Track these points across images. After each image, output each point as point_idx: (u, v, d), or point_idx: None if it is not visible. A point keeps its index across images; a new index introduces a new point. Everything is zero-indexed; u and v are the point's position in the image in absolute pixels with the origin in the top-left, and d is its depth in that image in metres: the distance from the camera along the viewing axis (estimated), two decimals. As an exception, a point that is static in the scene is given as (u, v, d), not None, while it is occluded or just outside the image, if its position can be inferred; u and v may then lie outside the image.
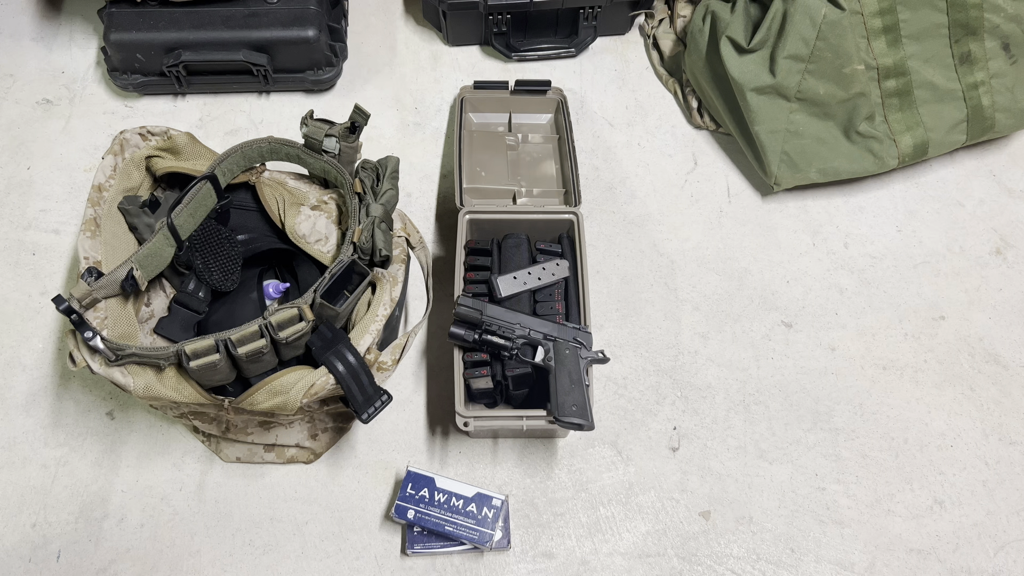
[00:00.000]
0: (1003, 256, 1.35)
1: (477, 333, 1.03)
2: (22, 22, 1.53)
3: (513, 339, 1.03)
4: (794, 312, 1.28)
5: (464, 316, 1.04)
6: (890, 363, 1.25)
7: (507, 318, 1.04)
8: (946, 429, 1.20)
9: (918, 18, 1.26)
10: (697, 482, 1.15)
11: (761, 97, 1.28)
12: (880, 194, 1.40)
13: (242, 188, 1.13)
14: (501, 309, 1.05)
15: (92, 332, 0.91)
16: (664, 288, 1.30)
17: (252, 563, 1.07)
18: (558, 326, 1.06)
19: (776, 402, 1.21)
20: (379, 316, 0.99)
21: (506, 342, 1.03)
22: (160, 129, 1.09)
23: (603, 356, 1.05)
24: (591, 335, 1.06)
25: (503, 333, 1.03)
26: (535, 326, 1.05)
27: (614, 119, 1.46)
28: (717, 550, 1.10)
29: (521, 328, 1.04)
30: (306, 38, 1.35)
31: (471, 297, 1.06)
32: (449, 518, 1.03)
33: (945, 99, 1.32)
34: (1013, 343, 1.27)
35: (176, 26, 1.33)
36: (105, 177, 1.03)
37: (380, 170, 1.07)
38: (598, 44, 1.54)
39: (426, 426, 1.17)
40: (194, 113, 1.43)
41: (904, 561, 1.10)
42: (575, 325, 1.06)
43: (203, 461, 1.13)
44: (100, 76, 1.46)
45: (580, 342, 1.05)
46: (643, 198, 1.38)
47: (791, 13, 1.22)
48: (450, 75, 1.50)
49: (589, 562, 1.09)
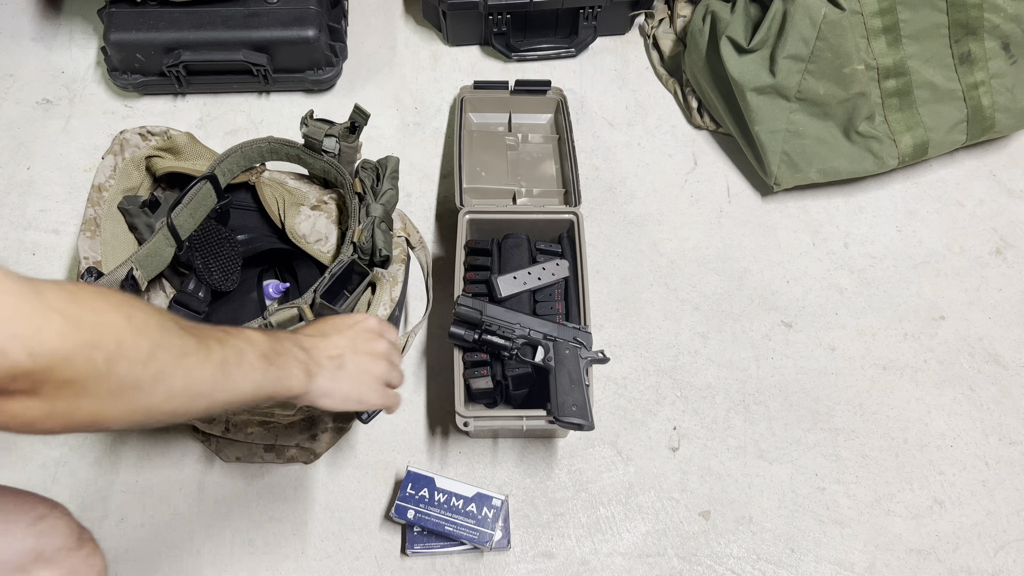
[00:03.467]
0: (1003, 256, 1.35)
1: (477, 333, 1.03)
2: (22, 22, 1.53)
3: (513, 339, 1.03)
4: (794, 312, 1.28)
5: (464, 316, 1.04)
6: (890, 363, 1.25)
7: (507, 318, 1.04)
8: (946, 429, 1.20)
9: (918, 18, 1.26)
10: (697, 482, 1.15)
11: (761, 97, 1.28)
12: (880, 194, 1.40)
13: (242, 188, 1.13)
14: (501, 309, 1.05)
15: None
16: (664, 288, 1.30)
17: (252, 563, 1.07)
18: (558, 326, 1.06)
19: (776, 402, 1.21)
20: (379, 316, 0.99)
21: (506, 342, 1.03)
22: (160, 129, 1.09)
23: (603, 356, 1.05)
24: (591, 335, 1.06)
25: (503, 333, 1.03)
26: (535, 326, 1.05)
27: (614, 119, 1.46)
28: (717, 550, 1.10)
29: (521, 328, 1.04)
30: (306, 38, 1.35)
31: (471, 297, 1.06)
32: (449, 518, 1.03)
33: (945, 99, 1.32)
34: (1013, 343, 1.27)
35: (176, 26, 1.33)
36: (105, 177, 1.03)
37: (380, 170, 1.07)
38: (598, 44, 1.54)
39: (426, 426, 1.17)
40: (194, 113, 1.43)
41: (904, 561, 1.10)
42: (575, 325, 1.06)
43: (203, 461, 1.13)
44: (100, 76, 1.46)
45: (580, 342, 1.05)
46: (643, 198, 1.38)
47: (791, 13, 1.22)
48: (450, 75, 1.50)
49: (589, 562, 1.09)
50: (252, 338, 0.64)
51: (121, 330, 0.50)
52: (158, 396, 0.53)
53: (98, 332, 0.48)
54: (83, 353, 0.47)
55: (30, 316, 0.45)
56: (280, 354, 0.66)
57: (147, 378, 0.52)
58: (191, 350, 0.56)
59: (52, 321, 0.46)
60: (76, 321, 0.47)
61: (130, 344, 0.50)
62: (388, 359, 0.78)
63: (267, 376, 0.64)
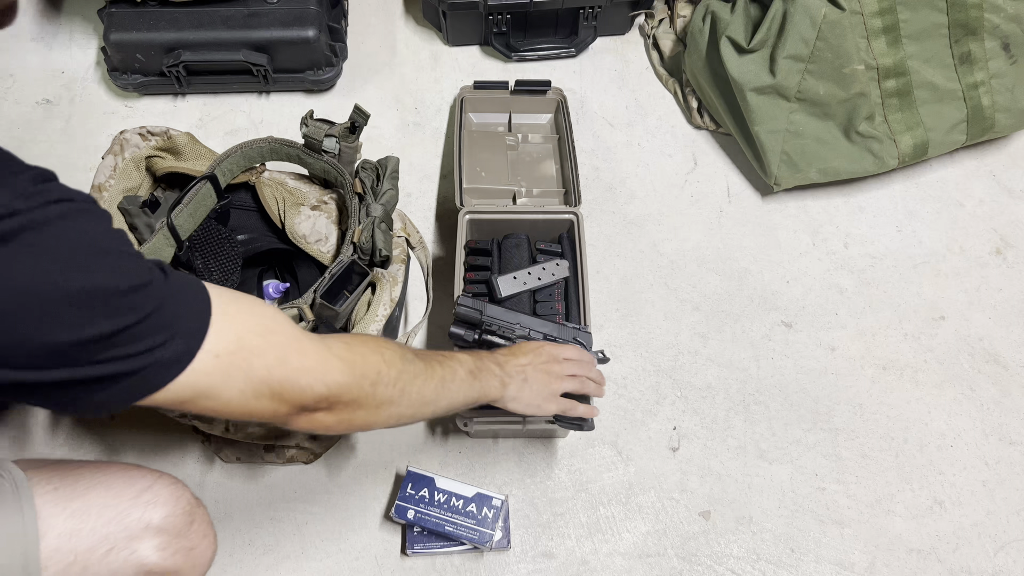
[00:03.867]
0: (1003, 256, 1.35)
1: (477, 333, 1.03)
2: (22, 22, 1.53)
3: (513, 339, 1.03)
4: (794, 312, 1.28)
5: (464, 316, 1.04)
6: (890, 363, 1.25)
7: (507, 318, 1.04)
8: (946, 429, 1.20)
9: (918, 18, 1.26)
10: (697, 482, 1.15)
11: (761, 97, 1.28)
12: (880, 194, 1.40)
13: (242, 188, 1.13)
14: (501, 309, 1.05)
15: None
16: (664, 288, 1.30)
17: (252, 563, 1.07)
18: (558, 326, 1.06)
19: (776, 402, 1.21)
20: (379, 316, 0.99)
21: (506, 342, 1.03)
22: (160, 129, 1.09)
23: (603, 356, 1.05)
24: (591, 335, 1.06)
25: (503, 333, 1.03)
26: (535, 326, 1.05)
27: (614, 119, 1.46)
28: (717, 550, 1.10)
29: (521, 328, 1.04)
30: (306, 38, 1.35)
31: (471, 297, 1.06)
32: (449, 518, 1.03)
33: (945, 99, 1.32)
34: (1013, 343, 1.27)
35: (176, 26, 1.33)
36: (105, 177, 1.03)
37: (380, 170, 1.07)
38: (598, 44, 1.54)
39: (426, 426, 1.17)
40: (194, 113, 1.43)
41: (904, 561, 1.10)
42: (575, 325, 1.06)
43: (203, 461, 1.13)
44: (100, 76, 1.46)
45: (580, 342, 1.05)
46: (643, 198, 1.38)
47: (791, 13, 1.22)
48: (450, 75, 1.50)
49: (589, 562, 1.09)
50: (462, 359, 0.85)
51: (378, 364, 0.73)
52: (403, 405, 0.76)
53: (365, 368, 0.72)
54: (357, 383, 0.71)
55: (325, 362, 0.69)
56: (482, 370, 0.87)
57: (396, 394, 0.75)
58: (420, 371, 0.78)
59: (337, 364, 0.69)
60: (351, 362, 0.71)
61: (384, 372, 0.74)
62: (565, 377, 0.95)
63: (472, 387, 0.85)
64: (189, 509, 0.75)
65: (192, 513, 0.75)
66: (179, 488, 0.75)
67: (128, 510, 0.70)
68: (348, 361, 0.71)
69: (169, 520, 0.72)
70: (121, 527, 0.69)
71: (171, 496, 0.74)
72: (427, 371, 0.79)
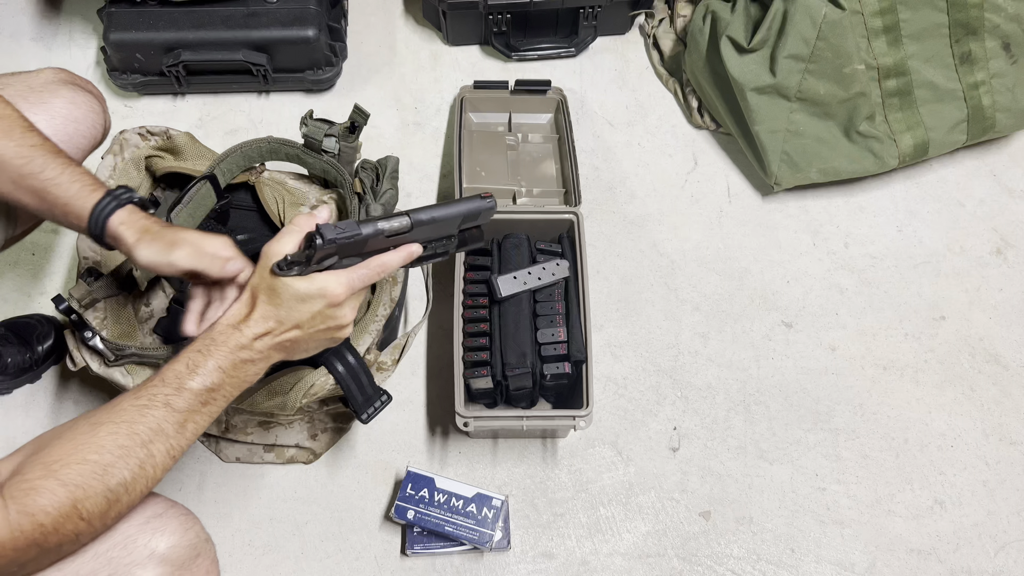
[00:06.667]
0: (1003, 256, 1.35)
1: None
2: (22, 22, 1.53)
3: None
4: (794, 312, 1.28)
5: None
6: (890, 363, 1.24)
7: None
8: (946, 429, 1.20)
9: (918, 18, 1.26)
10: (697, 482, 1.15)
11: (761, 97, 1.28)
12: (880, 194, 1.40)
13: (242, 188, 1.13)
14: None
15: (91, 332, 0.91)
16: (664, 288, 1.30)
17: (252, 563, 1.07)
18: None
19: (776, 402, 1.21)
20: (379, 316, 0.99)
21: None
22: (160, 129, 1.09)
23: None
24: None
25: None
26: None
27: (614, 119, 1.46)
28: (717, 550, 1.10)
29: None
30: (306, 38, 1.35)
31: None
32: (449, 518, 1.03)
33: (945, 99, 1.32)
34: (1013, 343, 1.27)
35: (176, 26, 1.33)
36: (105, 177, 1.03)
37: (380, 170, 1.07)
38: (598, 44, 1.54)
39: (426, 426, 1.17)
40: (194, 113, 1.43)
41: (904, 561, 1.10)
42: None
43: (203, 461, 1.13)
44: (100, 76, 1.46)
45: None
46: (643, 198, 1.38)
47: (791, 13, 1.22)
48: (450, 75, 1.50)
49: (589, 562, 1.09)
50: (171, 400, 0.69)
51: (75, 525, 0.63)
52: (112, 517, 0.67)
53: (59, 537, 0.63)
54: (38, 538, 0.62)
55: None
56: (219, 387, 0.71)
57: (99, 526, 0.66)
58: (125, 480, 0.66)
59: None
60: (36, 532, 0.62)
61: (83, 528, 0.64)
62: (348, 313, 0.77)
63: (206, 412, 0.71)
64: (196, 543, 0.73)
65: (198, 547, 0.73)
66: (190, 520, 0.74)
67: (135, 535, 0.69)
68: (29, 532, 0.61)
69: (175, 551, 0.70)
70: (125, 552, 0.68)
71: (180, 527, 0.72)
72: (135, 468, 0.66)
